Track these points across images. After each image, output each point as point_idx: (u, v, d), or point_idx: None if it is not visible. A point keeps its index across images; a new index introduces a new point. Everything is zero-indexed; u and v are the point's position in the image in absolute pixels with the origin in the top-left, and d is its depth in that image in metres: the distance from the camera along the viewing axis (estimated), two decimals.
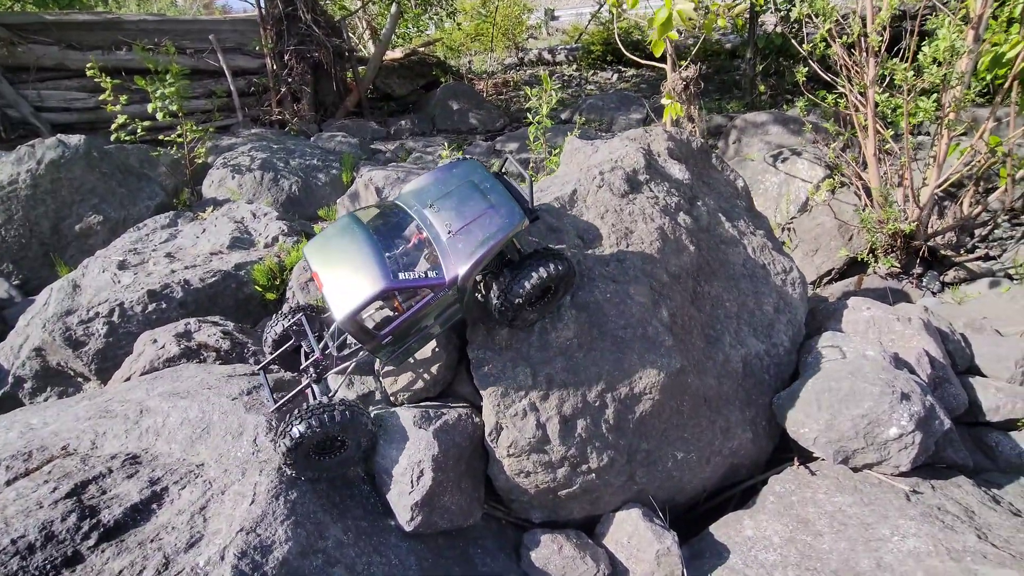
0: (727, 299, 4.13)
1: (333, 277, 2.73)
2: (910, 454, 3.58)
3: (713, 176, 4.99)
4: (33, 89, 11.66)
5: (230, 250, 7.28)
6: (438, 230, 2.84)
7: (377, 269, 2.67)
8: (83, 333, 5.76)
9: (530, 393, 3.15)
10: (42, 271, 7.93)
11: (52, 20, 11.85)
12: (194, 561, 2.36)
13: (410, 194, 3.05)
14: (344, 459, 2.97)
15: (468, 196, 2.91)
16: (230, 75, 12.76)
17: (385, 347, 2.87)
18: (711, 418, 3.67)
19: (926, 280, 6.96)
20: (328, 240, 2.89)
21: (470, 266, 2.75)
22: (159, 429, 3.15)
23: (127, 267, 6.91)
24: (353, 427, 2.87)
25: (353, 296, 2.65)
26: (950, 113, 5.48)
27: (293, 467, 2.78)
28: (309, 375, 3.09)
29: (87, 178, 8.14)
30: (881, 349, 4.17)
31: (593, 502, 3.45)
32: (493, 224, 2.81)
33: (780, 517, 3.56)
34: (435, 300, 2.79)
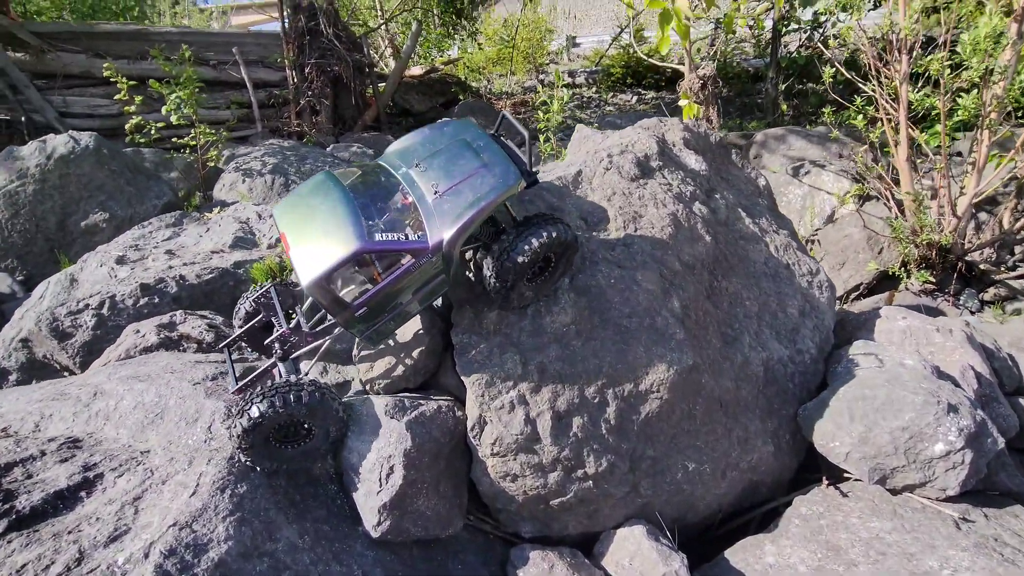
0: (747, 297, 3.74)
1: (302, 238, 2.41)
2: (959, 475, 3.10)
3: (732, 172, 4.65)
4: (59, 95, 11.93)
5: (232, 249, 7.13)
6: (423, 191, 2.53)
7: (351, 229, 2.36)
8: (70, 325, 5.57)
9: (519, 384, 2.79)
10: (47, 267, 7.85)
11: (81, 30, 12.19)
12: (112, 558, 2.02)
13: (395, 154, 2.76)
14: (309, 450, 2.63)
15: (458, 155, 2.61)
16: (251, 87, 12.91)
17: (359, 321, 2.53)
18: (728, 426, 3.25)
19: (963, 298, 6.45)
20: (299, 199, 2.59)
21: (457, 229, 2.45)
22: (109, 413, 2.86)
23: (126, 262, 6.77)
24: (321, 412, 2.53)
25: (323, 259, 2.33)
26: (991, 112, 5.08)
27: (248, 453, 2.45)
28: (275, 352, 2.77)
29: (96, 175, 8.12)
30: (921, 359, 3.72)
31: (591, 515, 3.04)
32: (485, 184, 2.52)
33: (807, 543, 3.10)
34: (417, 268, 2.45)
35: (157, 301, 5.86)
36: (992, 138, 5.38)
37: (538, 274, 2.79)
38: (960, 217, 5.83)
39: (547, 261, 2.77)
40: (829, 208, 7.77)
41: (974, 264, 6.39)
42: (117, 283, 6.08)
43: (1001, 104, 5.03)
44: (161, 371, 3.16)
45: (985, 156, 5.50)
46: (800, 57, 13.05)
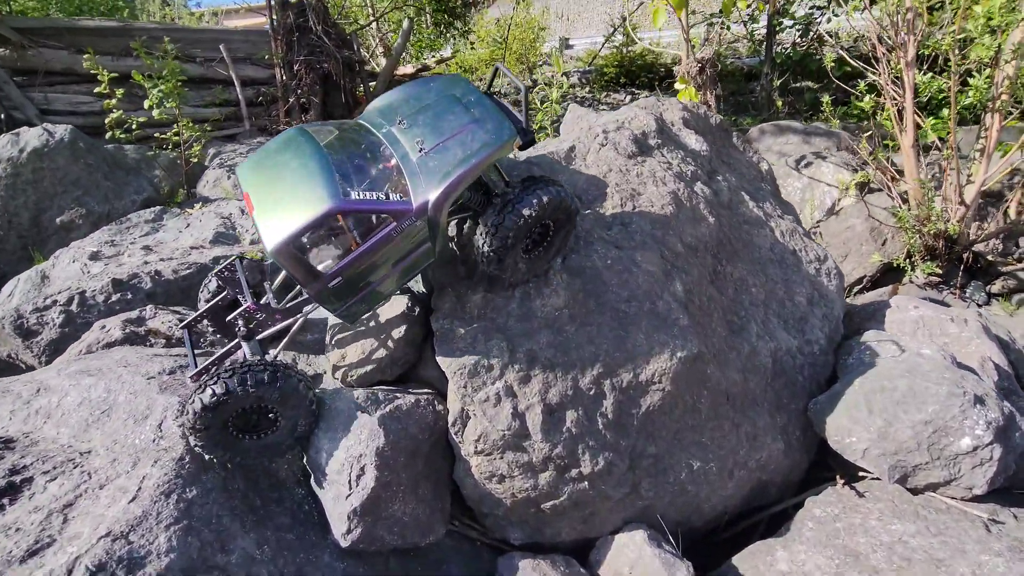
0: (753, 284, 3.48)
1: (267, 198, 2.13)
2: (987, 472, 2.85)
3: (734, 156, 4.41)
4: (40, 92, 11.62)
5: (212, 245, 6.86)
6: (407, 149, 2.27)
7: (324, 187, 2.08)
8: (36, 322, 5.27)
9: (506, 373, 2.51)
10: (20, 265, 7.54)
11: (64, 25, 11.89)
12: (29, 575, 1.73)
13: (376, 111, 2.48)
14: (270, 443, 2.34)
15: (447, 110, 2.34)
16: (239, 84, 12.64)
17: (333, 295, 2.23)
18: (735, 421, 2.99)
19: (970, 290, 6.23)
20: (266, 156, 2.29)
21: (444, 188, 2.19)
22: (51, 410, 2.57)
23: (100, 258, 6.47)
24: (293, 399, 2.26)
25: (291, 220, 2.05)
26: (1003, 94, 4.86)
27: (201, 438, 2.17)
28: (239, 330, 2.48)
29: (71, 169, 7.83)
30: (939, 349, 3.47)
31: (586, 520, 2.76)
32: (476, 140, 2.26)
33: (822, 548, 2.83)
34: (399, 234, 2.17)
35: (130, 297, 5.59)
36: (1002, 122, 5.17)
37: (533, 247, 2.51)
38: (968, 205, 5.60)
39: (544, 231, 2.50)
40: (829, 200, 7.55)
41: (981, 255, 6.17)
42: (88, 279, 5.79)
43: (1013, 85, 4.81)
44: (114, 365, 2.87)
45: (995, 141, 5.29)
46: (795, 53, 12.89)
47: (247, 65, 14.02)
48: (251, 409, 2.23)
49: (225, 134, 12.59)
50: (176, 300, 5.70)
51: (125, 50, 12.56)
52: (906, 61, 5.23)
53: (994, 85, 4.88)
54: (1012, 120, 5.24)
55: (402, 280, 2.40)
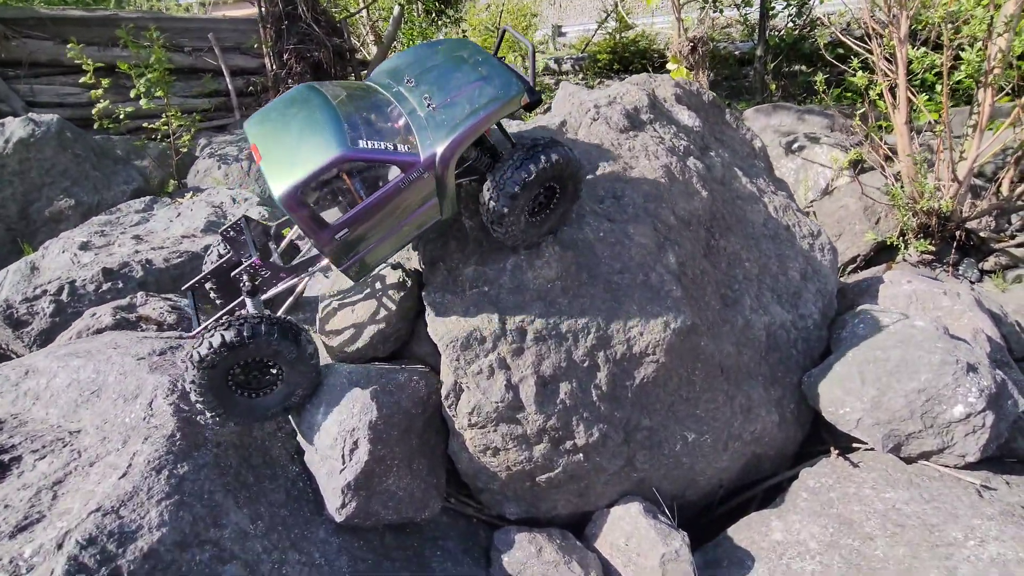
0: (746, 258, 3.47)
1: (275, 147, 2.12)
2: (979, 440, 2.86)
3: (727, 133, 4.38)
4: (25, 84, 11.44)
5: (204, 233, 6.81)
6: (414, 105, 2.27)
7: (332, 135, 2.08)
8: (26, 312, 5.22)
9: (499, 345, 2.49)
10: (9, 258, 7.46)
11: (48, 15, 11.69)
12: (18, 550, 1.72)
13: (384, 72, 2.48)
14: (271, 402, 2.35)
15: (454, 68, 2.37)
16: (228, 74, 12.48)
17: (340, 249, 2.20)
18: (729, 393, 2.99)
19: (963, 268, 6.26)
20: (273, 110, 2.29)
21: (452, 140, 2.19)
22: (40, 392, 2.54)
23: (90, 248, 6.42)
24: (298, 358, 2.26)
25: (299, 166, 2.04)
26: (995, 68, 4.84)
27: (201, 393, 2.17)
28: (243, 286, 2.45)
29: (58, 159, 7.73)
30: (932, 320, 3.47)
31: (582, 493, 2.76)
32: (484, 95, 2.27)
33: (817, 517, 2.85)
34: (407, 186, 2.16)
35: (121, 286, 5.55)
36: (995, 97, 5.16)
37: (539, 210, 2.51)
38: (961, 182, 5.60)
39: (549, 195, 2.50)
40: (823, 181, 7.55)
41: (974, 232, 6.19)
42: (79, 269, 5.75)
43: (1005, 58, 4.79)
44: (103, 347, 2.84)
45: (987, 117, 5.28)
46: (789, 36, 12.83)
47: (236, 54, 13.83)
48: (253, 365, 2.23)
49: (215, 125, 12.44)
50: (167, 288, 5.66)
51: (112, 40, 12.37)
52: (899, 37, 5.20)
53: (987, 59, 4.86)
54: (1004, 98, 5.23)
55: (408, 237, 2.39)
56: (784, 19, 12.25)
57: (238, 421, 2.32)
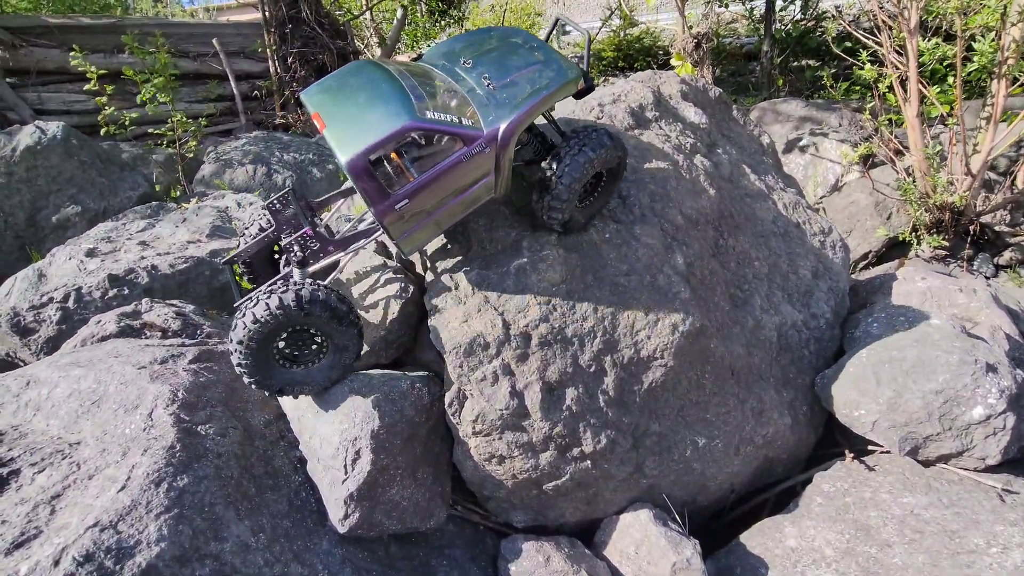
0: (756, 257, 3.40)
1: (339, 115, 2.13)
2: (1000, 442, 2.77)
3: (734, 130, 4.30)
4: (33, 92, 11.54)
5: (209, 239, 6.80)
6: (473, 84, 2.31)
7: (400, 104, 2.10)
8: (33, 320, 5.24)
9: (503, 351, 2.44)
10: (17, 265, 7.51)
11: (55, 23, 11.78)
12: (14, 567, 1.69)
13: (437, 55, 2.51)
14: (315, 373, 2.35)
15: (511, 52, 2.44)
16: (233, 78, 12.52)
17: (398, 219, 2.19)
18: (740, 396, 2.92)
19: (977, 263, 6.13)
20: (333, 81, 2.30)
21: (515, 118, 2.23)
22: (41, 402, 2.52)
23: (96, 254, 6.43)
24: (344, 323, 2.24)
25: (367, 133, 2.05)
26: (1009, 59, 4.73)
27: (245, 360, 2.18)
28: (293, 256, 2.42)
29: (65, 167, 7.77)
30: (948, 317, 3.38)
31: (590, 500, 2.70)
32: (543, 77, 2.33)
33: (832, 523, 2.77)
34: (466, 159, 2.17)
35: (127, 293, 5.56)
36: (1008, 88, 5.03)
37: (586, 194, 2.57)
38: (975, 176, 5.48)
39: (596, 180, 2.56)
40: (832, 177, 7.44)
41: (988, 226, 6.06)
42: (85, 275, 5.76)
43: (1019, 49, 4.67)
44: (104, 356, 2.82)
45: (1001, 108, 5.15)
46: (796, 30, 12.68)
47: (241, 59, 13.88)
48: (298, 335, 2.22)
49: (221, 129, 12.48)
50: (173, 294, 5.66)
51: (117, 47, 12.46)
52: (908, 28, 5.09)
53: (1000, 49, 4.74)
54: (1017, 88, 5.11)
55: (458, 215, 2.39)
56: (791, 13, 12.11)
57: (273, 390, 2.32)
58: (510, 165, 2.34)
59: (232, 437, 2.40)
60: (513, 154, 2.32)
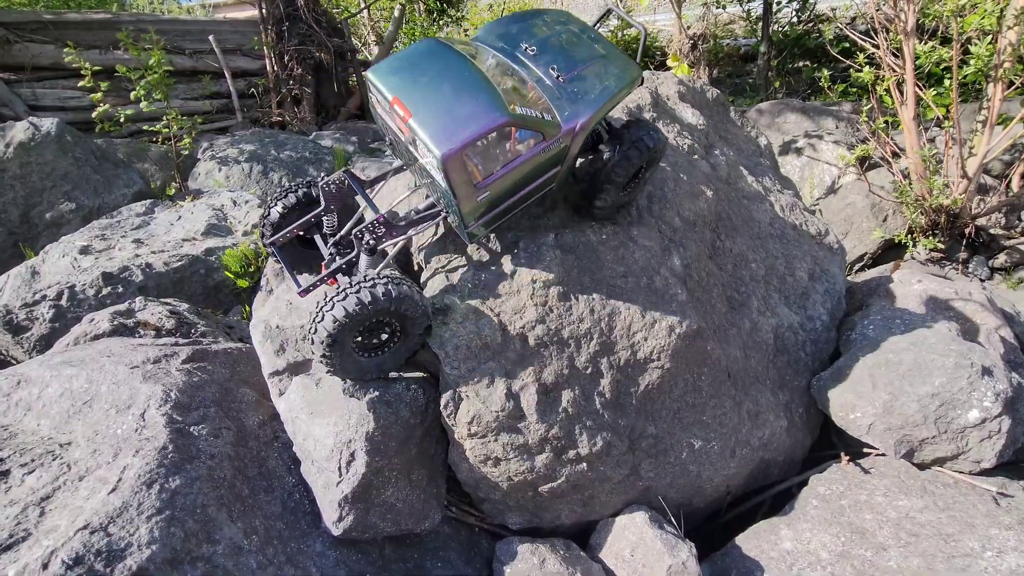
0: (753, 259, 3.39)
1: (427, 104, 2.06)
2: (995, 445, 2.78)
3: (732, 131, 4.30)
4: (28, 88, 11.45)
5: (205, 237, 6.77)
6: (540, 75, 2.27)
7: (490, 97, 2.06)
8: (26, 318, 5.21)
9: (499, 353, 2.43)
10: (11, 262, 7.45)
11: (49, 19, 11.71)
12: (2, 571, 1.66)
13: (493, 36, 2.42)
14: (386, 360, 2.39)
15: (574, 42, 2.38)
16: (230, 76, 12.47)
17: (475, 207, 2.21)
18: (736, 398, 2.91)
19: (972, 265, 6.15)
20: (408, 62, 2.21)
21: (592, 114, 2.23)
22: (31, 402, 2.49)
23: (90, 252, 6.39)
24: (416, 312, 2.27)
25: (463, 126, 2.01)
26: (1005, 62, 4.74)
27: (330, 355, 2.20)
28: (364, 243, 2.40)
29: (59, 163, 7.71)
30: (944, 320, 3.39)
31: (586, 502, 2.69)
32: (610, 73, 2.31)
33: (828, 526, 2.77)
34: (543, 152, 2.19)
35: (121, 291, 5.53)
36: (1004, 92, 5.05)
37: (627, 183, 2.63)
38: (970, 178, 5.50)
39: (638, 170, 2.61)
40: (828, 179, 7.46)
41: (983, 229, 6.08)
42: (78, 273, 5.73)
43: (1015, 52, 4.69)
44: (97, 355, 2.79)
45: (997, 112, 5.17)
46: (792, 31, 12.70)
47: (237, 56, 13.82)
48: (374, 325, 2.24)
49: (218, 127, 12.42)
50: (168, 292, 5.63)
51: (113, 43, 12.39)
52: (905, 31, 5.10)
53: (996, 53, 4.76)
54: (1013, 92, 5.13)
55: (519, 206, 2.41)
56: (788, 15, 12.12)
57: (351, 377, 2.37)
58: (574, 159, 2.38)
59: (225, 438, 2.38)
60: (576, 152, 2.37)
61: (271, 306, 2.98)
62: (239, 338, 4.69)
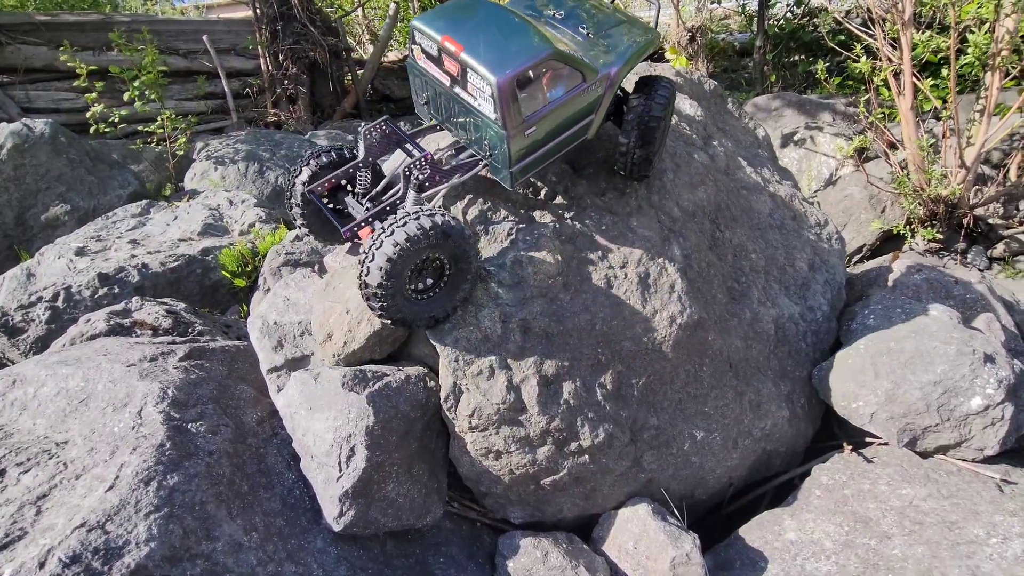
0: (752, 250, 3.38)
1: (479, 40, 2.20)
2: (998, 432, 2.77)
3: (730, 123, 4.28)
4: (21, 90, 11.39)
5: (201, 236, 6.74)
6: (571, 33, 2.47)
7: (536, 35, 2.24)
8: (22, 319, 5.18)
9: (499, 345, 2.40)
10: (6, 264, 7.41)
11: (42, 20, 11.64)
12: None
13: (517, 5, 2.59)
14: (435, 303, 2.35)
15: (595, 9, 2.64)
16: (224, 76, 12.40)
17: (521, 142, 2.28)
18: (738, 389, 2.90)
19: (971, 255, 6.14)
20: (452, 11, 2.36)
21: (623, 64, 2.45)
22: (27, 401, 2.46)
23: (86, 253, 6.35)
24: (462, 241, 2.25)
25: (515, 57, 2.15)
26: (1003, 50, 4.73)
27: (384, 301, 2.17)
28: (412, 179, 2.39)
29: (53, 164, 7.66)
30: (945, 308, 3.38)
31: (588, 495, 2.67)
32: (633, 34, 2.56)
33: (831, 515, 2.76)
34: (581, 93, 2.35)
35: (117, 291, 5.50)
36: (1002, 80, 5.04)
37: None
38: (968, 168, 5.49)
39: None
40: (826, 171, 7.44)
41: (982, 219, 6.08)
42: (74, 274, 5.70)
43: (1013, 40, 4.67)
44: (93, 354, 2.77)
45: (995, 101, 5.16)
46: (788, 25, 12.68)
47: (232, 56, 13.75)
48: (424, 261, 2.23)
49: (213, 127, 12.37)
50: (164, 292, 5.61)
51: (106, 44, 12.32)
52: (903, 20, 5.08)
53: (994, 41, 4.74)
54: (1010, 81, 5.11)
55: (556, 153, 2.49)
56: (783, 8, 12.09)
57: (400, 321, 2.32)
58: (606, 109, 2.52)
59: (223, 435, 2.36)
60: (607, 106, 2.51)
61: (268, 302, 2.96)
62: (237, 336, 4.67)
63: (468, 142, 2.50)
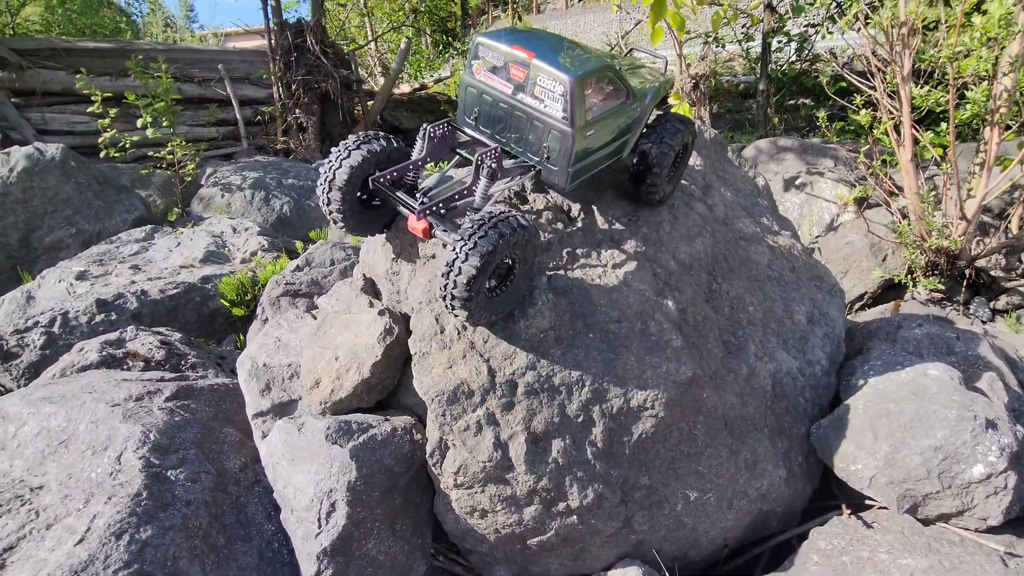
0: (750, 302, 3.35)
1: (547, 50, 2.44)
2: (1001, 502, 2.68)
3: (729, 171, 4.30)
4: (38, 112, 11.64)
5: (203, 263, 6.77)
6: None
7: (595, 51, 2.58)
8: (16, 344, 5.15)
9: (487, 400, 2.36)
10: (8, 286, 7.44)
11: (63, 46, 11.96)
12: None
13: None
14: (500, 301, 2.38)
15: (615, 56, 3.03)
16: (236, 104, 12.67)
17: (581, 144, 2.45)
18: (733, 447, 2.83)
19: (974, 307, 6.09)
20: (515, 32, 2.60)
21: (653, 94, 2.78)
22: (7, 441, 2.42)
23: (87, 278, 6.38)
24: (534, 236, 2.32)
25: (582, 63, 2.39)
26: (1001, 107, 4.78)
27: (470, 304, 2.17)
28: (483, 169, 2.43)
29: (61, 188, 7.76)
30: (946, 368, 3.32)
31: (576, 556, 2.58)
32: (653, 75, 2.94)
33: None
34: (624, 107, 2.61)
35: (115, 318, 5.50)
36: (1001, 135, 5.08)
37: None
38: (969, 220, 5.49)
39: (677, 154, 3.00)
40: (828, 217, 7.46)
41: (984, 271, 6.04)
42: (73, 299, 5.69)
43: (1011, 98, 4.73)
44: (79, 391, 2.73)
45: (995, 155, 5.19)
46: (791, 70, 12.92)
47: (245, 85, 14.08)
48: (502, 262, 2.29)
49: (223, 153, 12.57)
50: (162, 320, 5.59)
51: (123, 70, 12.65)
52: (902, 75, 5.16)
53: (992, 98, 4.80)
54: (1011, 135, 5.15)
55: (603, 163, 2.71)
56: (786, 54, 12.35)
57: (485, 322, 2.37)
58: (639, 132, 2.78)
59: (203, 483, 2.30)
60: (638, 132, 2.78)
61: (259, 342, 2.93)
62: (230, 370, 4.63)
63: (521, 149, 2.61)
